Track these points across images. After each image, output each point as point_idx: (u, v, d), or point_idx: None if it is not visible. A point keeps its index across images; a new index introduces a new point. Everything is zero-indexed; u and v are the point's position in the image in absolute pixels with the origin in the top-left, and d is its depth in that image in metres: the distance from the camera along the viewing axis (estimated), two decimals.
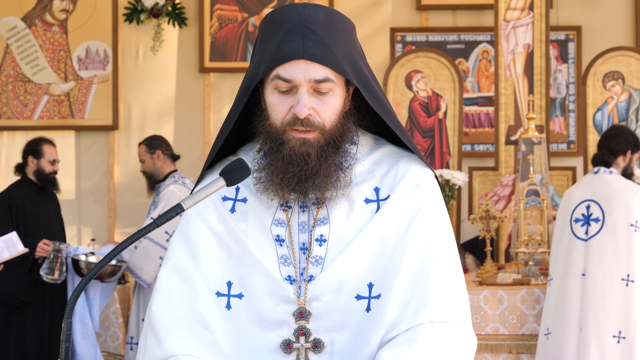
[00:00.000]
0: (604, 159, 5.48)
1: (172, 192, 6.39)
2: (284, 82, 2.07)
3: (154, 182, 6.62)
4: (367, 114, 2.22)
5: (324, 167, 2.10)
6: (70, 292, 6.18)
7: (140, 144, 6.79)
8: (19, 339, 6.00)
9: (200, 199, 1.96)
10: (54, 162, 6.27)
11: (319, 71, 2.06)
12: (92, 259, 6.17)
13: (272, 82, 2.09)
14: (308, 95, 2.08)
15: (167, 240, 6.32)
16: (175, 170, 6.66)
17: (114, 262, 6.18)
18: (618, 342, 5.17)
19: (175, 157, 6.68)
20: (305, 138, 2.09)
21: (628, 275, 5.20)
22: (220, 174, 2.00)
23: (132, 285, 7.83)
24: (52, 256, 5.94)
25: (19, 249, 5.78)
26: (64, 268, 5.97)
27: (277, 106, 2.10)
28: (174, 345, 2.09)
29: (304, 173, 2.09)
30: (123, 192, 8.21)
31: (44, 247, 5.96)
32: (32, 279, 5.98)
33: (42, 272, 5.93)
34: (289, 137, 2.09)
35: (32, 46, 8.19)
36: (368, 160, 2.20)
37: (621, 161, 5.50)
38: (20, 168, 6.29)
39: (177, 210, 1.93)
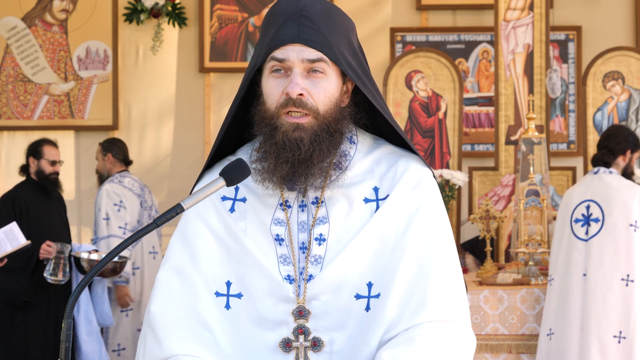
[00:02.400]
0: (603, 159, 5.48)
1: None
2: (278, 62, 2.09)
3: (102, 180, 6.99)
4: (365, 113, 2.22)
5: (317, 152, 2.10)
6: (72, 289, 6.18)
7: (99, 143, 7.06)
8: (23, 338, 6.01)
9: (201, 199, 1.96)
10: (54, 162, 6.27)
11: (313, 52, 2.09)
12: (94, 257, 6.18)
13: (267, 65, 2.12)
14: (301, 77, 2.09)
15: (124, 233, 6.68)
16: (122, 171, 6.95)
17: (115, 258, 6.19)
18: (619, 342, 5.17)
19: (127, 162, 7.00)
20: (298, 123, 2.09)
21: (628, 275, 5.20)
22: (220, 174, 2.00)
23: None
24: (55, 257, 5.95)
25: (21, 241, 5.76)
26: (67, 269, 5.98)
27: (272, 89, 2.12)
28: (173, 345, 2.09)
29: (296, 158, 2.09)
30: None
31: (47, 248, 5.97)
32: (36, 279, 6.00)
33: (46, 273, 5.94)
34: (283, 122, 2.10)
35: (32, 46, 8.19)
36: (367, 160, 2.21)
37: (621, 161, 5.50)
38: (24, 169, 6.33)
39: (177, 210, 1.93)
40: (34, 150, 6.27)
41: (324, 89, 2.11)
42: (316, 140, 2.10)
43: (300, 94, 2.08)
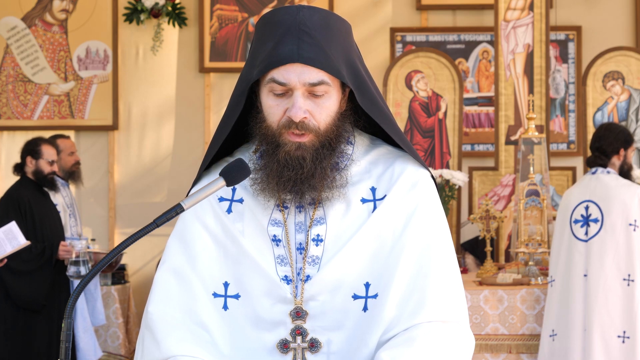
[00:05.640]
0: (597, 162, 5.46)
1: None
2: (279, 86, 2.08)
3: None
4: (364, 115, 2.22)
5: (319, 169, 2.10)
6: (73, 290, 6.18)
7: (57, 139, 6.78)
8: (27, 340, 6.00)
9: (201, 199, 1.96)
10: (52, 162, 6.24)
11: (314, 74, 2.06)
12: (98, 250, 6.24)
13: (267, 85, 2.10)
14: (303, 99, 2.08)
15: None
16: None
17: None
18: (623, 342, 5.17)
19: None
20: (300, 142, 2.09)
21: (629, 275, 5.20)
22: (221, 174, 1.99)
23: (132, 285, 7.84)
24: (75, 256, 5.94)
25: (21, 241, 5.74)
26: (89, 265, 5.98)
27: (272, 109, 2.10)
28: (172, 346, 2.09)
29: (299, 177, 2.09)
30: (123, 192, 8.21)
31: (67, 248, 5.98)
32: (50, 281, 6.03)
33: (68, 273, 5.94)
34: (285, 141, 2.09)
35: (32, 46, 8.19)
36: (364, 160, 2.20)
37: (616, 160, 5.48)
38: (19, 168, 6.28)
39: (177, 210, 1.93)
40: (32, 150, 6.22)
41: (326, 109, 2.11)
42: (317, 158, 2.10)
43: (303, 117, 2.08)
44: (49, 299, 6.03)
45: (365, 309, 2.10)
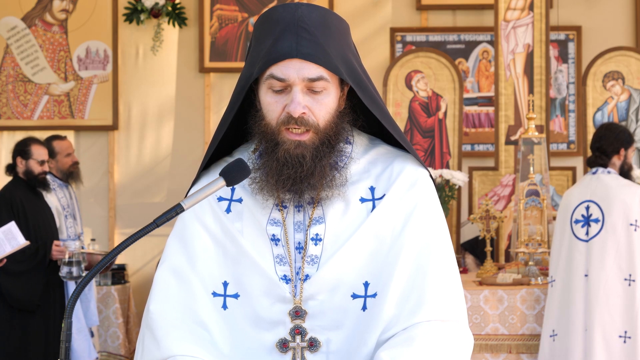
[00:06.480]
0: (597, 162, 5.46)
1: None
2: (277, 82, 2.08)
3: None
4: (362, 114, 2.22)
5: (319, 167, 2.10)
6: (67, 290, 6.16)
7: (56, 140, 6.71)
8: (22, 342, 5.97)
9: (201, 199, 1.96)
10: (42, 162, 6.13)
11: (313, 70, 2.06)
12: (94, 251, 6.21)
13: (266, 81, 2.10)
14: (302, 94, 2.08)
15: None
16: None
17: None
18: (624, 341, 5.17)
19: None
20: (300, 140, 2.09)
21: (630, 275, 5.20)
22: (221, 174, 1.99)
23: (132, 285, 7.84)
24: (69, 257, 5.90)
25: (20, 241, 5.72)
26: (82, 266, 5.94)
27: (271, 105, 2.10)
28: (172, 345, 2.09)
29: (299, 175, 2.09)
30: (123, 192, 8.21)
31: (60, 248, 5.93)
32: (44, 281, 5.99)
33: (61, 273, 5.89)
34: (284, 139, 2.09)
35: (32, 46, 8.19)
36: (363, 160, 2.21)
37: (616, 160, 5.48)
38: (10, 168, 6.21)
39: (177, 210, 1.93)
40: (22, 150, 6.11)
41: (325, 105, 2.11)
42: (317, 156, 2.10)
43: (302, 113, 2.07)
44: (44, 300, 5.99)
45: (364, 308, 2.10)
